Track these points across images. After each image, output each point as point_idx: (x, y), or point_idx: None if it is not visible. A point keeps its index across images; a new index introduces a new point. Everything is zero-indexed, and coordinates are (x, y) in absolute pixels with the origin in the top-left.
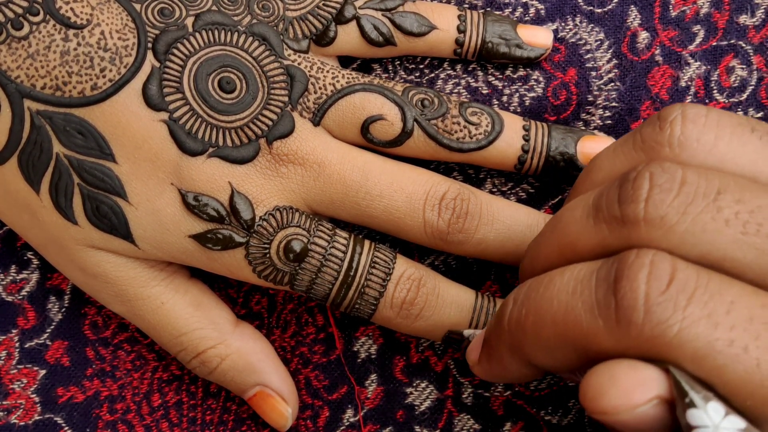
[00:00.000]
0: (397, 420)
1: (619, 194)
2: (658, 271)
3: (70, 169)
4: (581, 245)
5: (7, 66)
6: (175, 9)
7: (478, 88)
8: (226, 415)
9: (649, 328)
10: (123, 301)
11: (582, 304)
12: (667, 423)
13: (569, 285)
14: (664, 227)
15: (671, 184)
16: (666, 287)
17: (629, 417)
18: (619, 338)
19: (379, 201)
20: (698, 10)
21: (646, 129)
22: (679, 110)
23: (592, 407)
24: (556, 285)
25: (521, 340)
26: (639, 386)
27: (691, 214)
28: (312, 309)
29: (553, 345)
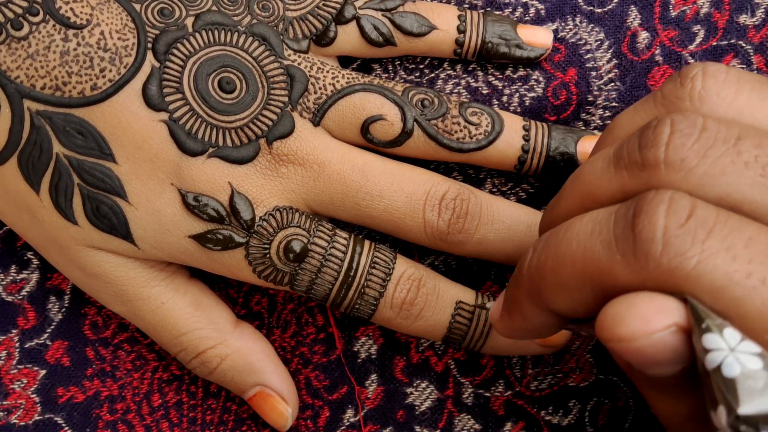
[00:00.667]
0: (398, 420)
1: (640, 140)
2: (677, 206)
3: (70, 170)
4: (601, 193)
5: (7, 66)
6: (175, 9)
7: (478, 88)
8: (226, 415)
9: (667, 260)
10: (123, 301)
11: (600, 242)
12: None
13: (588, 226)
14: (684, 170)
15: (692, 129)
16: (685, 221)
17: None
18: (637, 271)
19: (379, 201)
20: (698, 9)
21: (667, 86)
22: (700, 67)
23: (609, 335)
24: (575, 228)
25: (540, 284)
26: (657, 312)
27: (711, 157)
28: (312, 309)
29: (572, 285)
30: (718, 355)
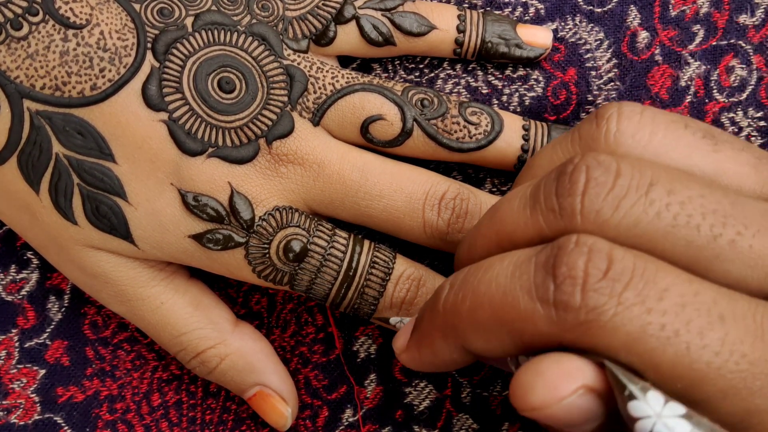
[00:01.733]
0: (396, 420)
1: (557, 186)
2: (596, 258)
3: (70, 169)
4: (518, 235)
5: (7, 66)
6: (175, 9)
7: (478, 87)
8: (226, 414)
9: (585, 313)
10: (123, 301)
11: (520, 287)
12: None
13: (508, 269)
14: (599, 221)
15: (606, 177)
16: (603, 274)
17: (557, 410)
18: (555, 322)
19: (379, 201)
20: (698, 9)
21: (583, 126)
22: (615, 108)
23: (521, 405)
24: (495, 269)
25: (456, 323)
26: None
27: (624, 207)
28: (312, 309)
29: (488, 328)
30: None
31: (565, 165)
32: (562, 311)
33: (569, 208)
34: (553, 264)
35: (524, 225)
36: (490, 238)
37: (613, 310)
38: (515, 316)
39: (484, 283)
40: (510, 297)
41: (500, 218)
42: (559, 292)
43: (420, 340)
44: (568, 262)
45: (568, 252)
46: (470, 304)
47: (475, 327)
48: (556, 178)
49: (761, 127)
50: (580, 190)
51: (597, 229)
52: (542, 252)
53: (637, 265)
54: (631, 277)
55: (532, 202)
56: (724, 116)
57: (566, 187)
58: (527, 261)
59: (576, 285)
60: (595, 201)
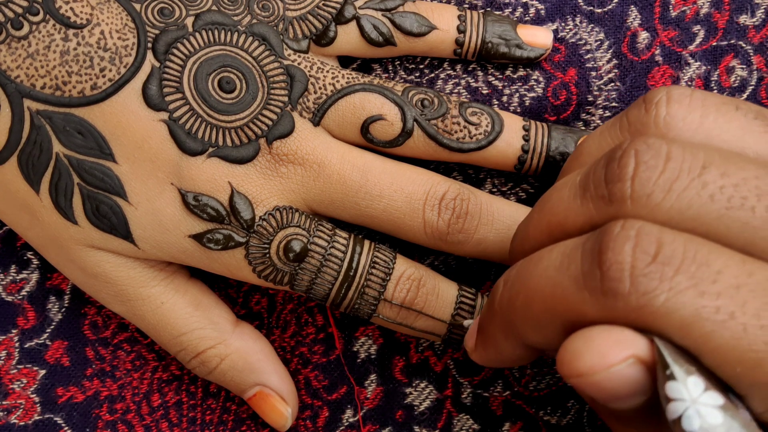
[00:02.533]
0: (397, 420)
1: (606, 173)
2: (645, 243)
3: (70, 169)
4: (569, 224)
5: (7, 66)
6: (175, 9)
7: (478, 88)
8: (226, 415)
9: (635, 299)
10: (123, 301)
11: (568, 277)
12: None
13: (557, 260)
14: (650, 205)
15: (656, 160)
16: (652, 259)
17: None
18: (605, 309)
19: (379, 201)
20: (698, 10)
21: (632, 111)
22: (664, 92)
23: (568, 371)
24: (545, 262)
25: (512, 319)
26: (614, 346)
27: (676, 191)
28: (312, 309)
29: (542, 321)
30: (679, 405)
31: (614, 151)
32: (611, 299)
33: (619, 193)
34: (598, 250)
35: (575, 214)
36: (541, 229)
37: (665, 295)
38: (566, 308)
39: (535, 276)
40: (559, 289)
41: (550, 208)
42: (606, 280)
43: (484, 340)
44: (614, 248)
45: (613, 237)
46: (523, 299)
47: (529, 322)
48: (605, 165)
49: None
50: (629, 174)
51: (648, 214)
52: (589, 239)
53: (688, 248)
54: (683, 260)
55: (582, 190)
56: None
57: (615, 172)
58: (575, 250)
59: (623, 271)
60: (645, 185)
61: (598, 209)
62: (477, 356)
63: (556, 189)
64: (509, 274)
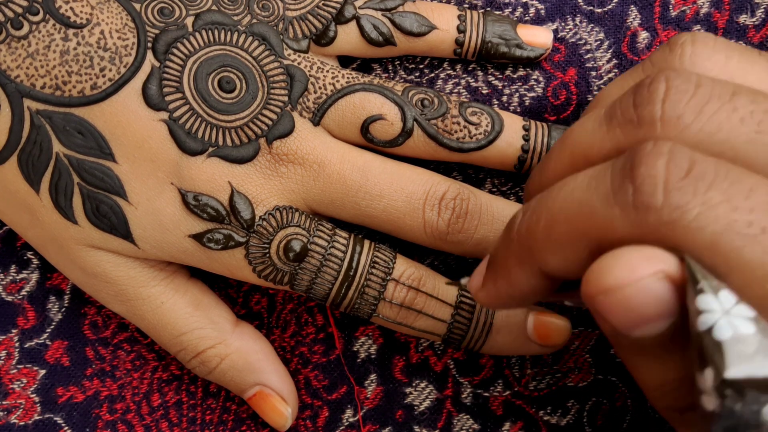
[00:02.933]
0: (397, 420)
1: (635, 98)
2: (678, 158)
3: (70, 169)
4: (594, 152)
5: (7, 65)
6: (175, 8)
7: (478, 88)
8: (226, 414)
9: (668, 212)
10: (123, 301)
11: (597, 195)
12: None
13: (584, 182)
14: (680, 127)
15: (687, 85)
16: (685, 174)
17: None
18: (636, 224)
19: (379, 201)
20: (698, 10)
21: (656, 54)
22: (689, 35)
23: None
24: (570, 185)
25: (532, 244)
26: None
27: (707, 113)
28: (312, 309)
29: (566, 242)
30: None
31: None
32: (643, 213)
33: (649, 116)
34: (631, 165)
35: (600, 142)
36: (563, 161)
37: (698, 209)
38: (593, 224)
39: (559, 199)
40: (586, 207)
41: (573, 140)
42: (639, 193)
43: (495, 273)
44: (648, 162)
45: (647, 153)
46: (545, 223)
47: (551, 244)
48: (634, 92)
49: None
50: (660, 97)
51: (677, 136)
52: (619, 159)
53: (719, 166)
54: (715, 176)
55: (608, 118)
56: None
57: (645, 96)
58: (604, 170)
59: (657, 184)
60: (676, 106)
61: (626, 133)
62: (484, 294)
63: (578, 123)
64: (528, 205)
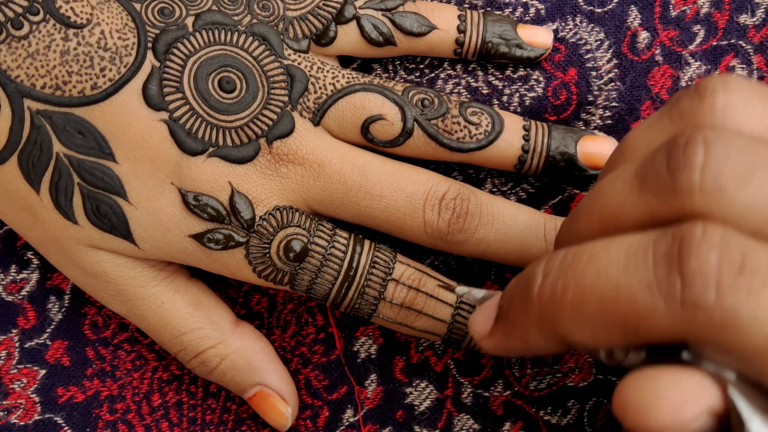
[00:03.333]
0: (397, 420)
1: (669, 161)
2: (731, 251)
3: (70, 169)
4: (626, 217)
5: (7, 65)
6: (175, 9)
7: (478, 88)
8: (226, 414)
9: (719, 314)
10: (123, 301)
11: (638, 281)
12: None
13: (620, 259)
14: (722, 199)
15: (728, 150)
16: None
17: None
18: (682, 321)
19: (379, 201)
20: (698, 9)
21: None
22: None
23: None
24: (603, 258)
25: (557, 315)
26: (687, 400)
27: (752, 184)
28: (312, 309)
29: (597, 323)
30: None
31: (675, 138)
32: (691, 310)
33: (686, 183)
34: (678, 257)
35: (633, 207)
36: (592, 222)
37: (752, 312)
38: (632, 312)
39: (590, 274)
40: (625, 292)
41: (603, 201)
42: (688, 290)
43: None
44: (699, 256)
45: (696, 243)
46: (574, 297)
47: (580, 321)
48: (667, 153)
49: None
50: (698, 163)
51: (719, 210)
52: (661, 241)
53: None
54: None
55: (640, 181)
56: None
57: (681, 160)
58: (643, 251)
59: (709, 283)
60: (717, 176)
61: (660, 201)
62: (491, 344)
63: (607, 182)
64: (551, 265)
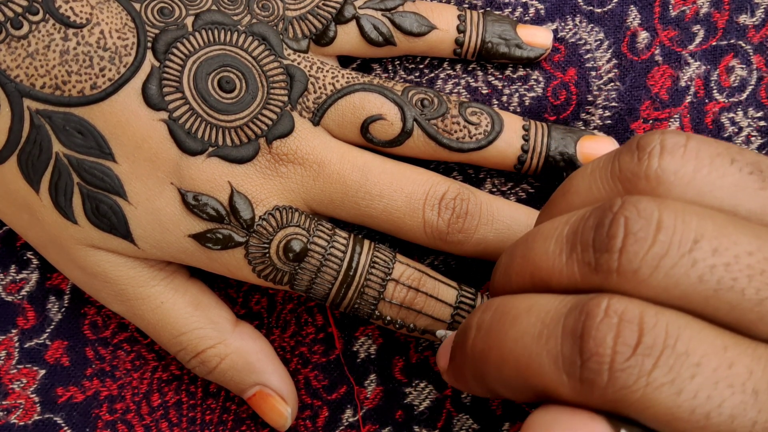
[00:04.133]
0: (396, 420)
1: (594, 239)
2: (626, 331)
3: (70, 169)
4: (554, 280)
5: (7, 65)
6: (175, 8)
7: (478, 88)
8: (226, 414)
9: (612, 392)
10: (122, 301)
11: (546, 353)
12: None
13: (535, 328)
14: (636, 280)
15: (646, 231)
16: (632, 351)
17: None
18: (581, 395)
19: (379, 201)
20: (698, 9)
21: (624, 157)
22: (658, 140)
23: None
24: (522, 325)
25: (483, 371)
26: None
27: (664, 268)
28: (311, 309)
29: (513, 384)
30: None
31: (604, 213)
32: (588, 387)
33: (606, 265)
34: (581, 335)
35: (559, 273)
36: (524, 277)
37: (642, 391)
38: (540, 382)
39: (510, 339)
40: (535, 362)
41: (534, 259)
42: (585, 370)
43: (456, 373)
44: (596, 337)
45: (596, 323)
46: (496, 358)
47: (501, 380)
48: (594, 228)
49: (761, 127)
50: (617, 246)
51: (633, 289)
52: (570, 315)
53: (669, 335)
54: (662, 350)
55: (569, 249)
56: (724, 116)
57: (604, 242)
58: (555, 322)
59: (603, 363)
60: (633, 260)
61: (582, 275)
62: (448, 379)
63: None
64: (483, 318)
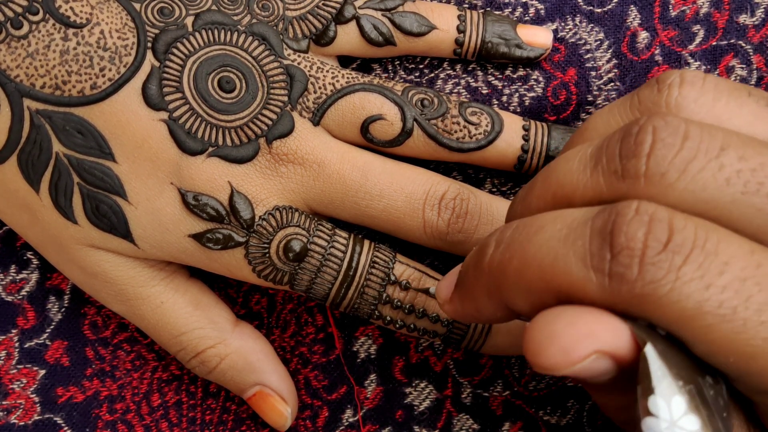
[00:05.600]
0: (396, 420)
1: (621, 147)
2: (657, 228)
3: (70, 169)
4: (577, 196)
5: (7, 65)
6: (175, 8)
7: (478, 88)
8: (226, 414)
9: (640, 286)
10: (122, 301)
11: (574, 253)
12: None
13: (561, 232)
14: (663, 184)
15: (674, 138)
16: (663, 246)
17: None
18: (608, 292)
19: (379, 201)
20: (698, 9)
21: (643, 91)
22: (677, 74)
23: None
24: (547, 231)
25: (501, 282)
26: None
27: (692, 171)
28: (311, 309)
29: (535, 290)
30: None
31: (630, 126)
32: (616, 282)
33: (633, 170)
34: (611, 232)
35: (583, 186)
36: (545, 197)
37: (671, 285)
38: (566, 283)
39: (534, 244)
40: (562, 262)
41: (557, 178)
42: (615, 263)
43: (463, 295)
44: (627, 232)
45: (627, 220)
46: (517, 265)
47: (521, 289)
48: (621, 139)
49: None
50: (645, 151)
51: (660, 194)
52: (599, 216)
53: (698, 236)
54: (692, 249)
55: (594, 163)
56: None
57: (631, 147)
58: (582, 225)
59: (634, 257)
60: (661, 163)
61: (609, 184)
62: (449, 309)
63: (563, 159)
64: (503, 235)
